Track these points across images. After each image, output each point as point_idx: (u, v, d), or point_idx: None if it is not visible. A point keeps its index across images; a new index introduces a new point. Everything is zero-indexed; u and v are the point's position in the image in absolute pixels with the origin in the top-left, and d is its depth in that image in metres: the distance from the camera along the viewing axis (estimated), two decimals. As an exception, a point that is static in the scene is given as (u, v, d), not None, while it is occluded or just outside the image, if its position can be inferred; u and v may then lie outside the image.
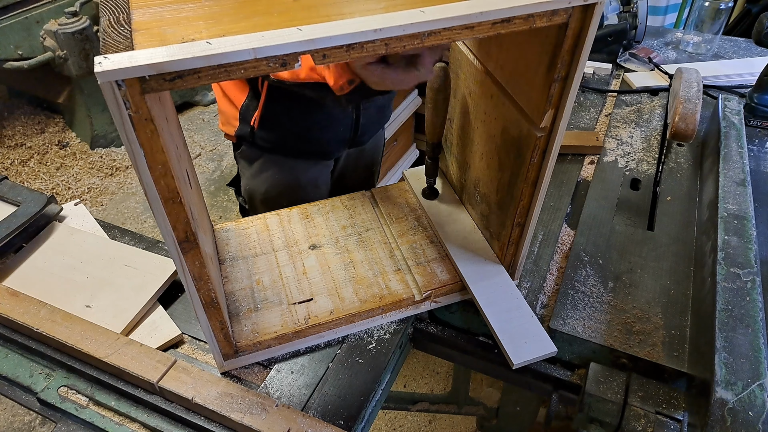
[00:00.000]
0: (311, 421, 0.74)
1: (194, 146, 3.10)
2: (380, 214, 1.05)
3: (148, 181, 0.56)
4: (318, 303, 0.88)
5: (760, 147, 1.26)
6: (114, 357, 0.80)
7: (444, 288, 0.91)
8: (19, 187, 1.10)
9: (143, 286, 0.95)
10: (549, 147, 0.75)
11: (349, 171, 1.43)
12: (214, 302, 0.72)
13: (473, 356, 0.95)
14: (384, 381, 0.86)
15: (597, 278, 0.96)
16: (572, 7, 0.61)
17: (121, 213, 2.68)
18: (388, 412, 1.99)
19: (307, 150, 1.25)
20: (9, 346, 0.90)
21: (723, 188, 0.98)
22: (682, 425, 0.76)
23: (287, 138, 1.20)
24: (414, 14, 0.55)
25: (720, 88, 1.48)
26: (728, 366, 0.70)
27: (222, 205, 2.73)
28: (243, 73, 0.52)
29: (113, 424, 0.79)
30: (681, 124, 1.07)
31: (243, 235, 1.00)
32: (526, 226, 0.85)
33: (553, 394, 0.90)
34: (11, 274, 0.98)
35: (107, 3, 0.59)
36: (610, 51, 1.61)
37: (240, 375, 0.84)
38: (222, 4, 0.59)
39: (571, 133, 1.29)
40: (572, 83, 0.68)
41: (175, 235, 0.62)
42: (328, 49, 0.53)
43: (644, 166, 1.22)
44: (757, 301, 0.78)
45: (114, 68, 0.47)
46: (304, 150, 1.24)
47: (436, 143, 0.99)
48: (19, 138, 3.00)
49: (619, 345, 0.85)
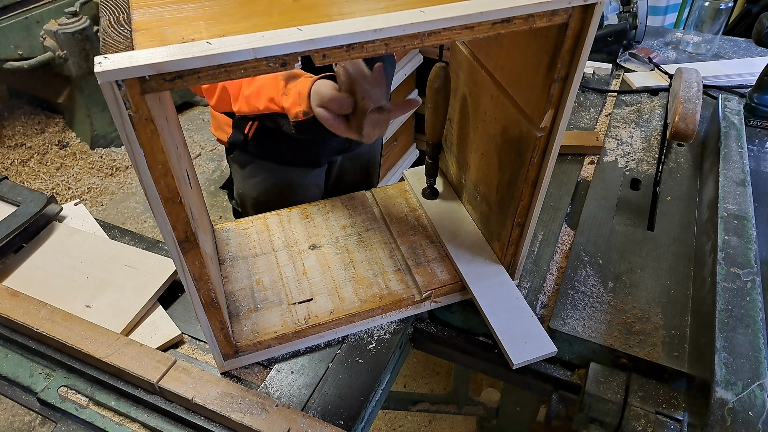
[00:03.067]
0: (311, 421, 0.74)
1: (194, 146, 3.10)
2: (380, 214, 1.05)
3: (148, 181, 0.56)
4: (318, 303, 0.88)
5: (760, 147, 1.26)
6: (114, 357, 0.80)
7: (444, 288, 0.91)
8: (19, 187, 1.10)
9: (143, 286, 0.95)
10: (549, 147, 0.75)
11: (346, 174, 1.42)
12: (214, 302, 0.72)
13: (473, 356, 0.95)
14: (384, 381, 0.86)
15: (597, 278, 0.96)
16: (572, 7, 0.61)
17: (121, 213, 2.68)
18: (388, 412, 1.99)
19: (300, 159, 1.26)
20: (9, 346, 0.90)
21: (723, 188, 0.98)
22: (682, 425, 0.76)
23: (281, 148, 1.21)
24: (414, 14, 0.55)
25: (720, 88, 1.48)
26: (728, 366, 0.70)
27: (222, 205, 2.74)
28: (243, 73, 0.52)
29: (113, 424, 0.79)
30: (681, 124, 1.07)
31: (243, 235, 1.00)
32: (526, 226, 0.85)
33: (553, 394, 0.90)
34: (11, 274, 0.98)
35: (107, 3, 0.59)
36: (610, 51, 1.61)
37: (240, 375, 0.84)
38: (222, 4, 0.59)
39: (571, 133, 1.29)
40: (572, 83, 0.68)
41: (175, 235, 0.62)
42: (328, 49, 0.53)
43: (644, 166, 1.22)
44: (757, 301, 0.78)
45: (114, 68, 0.47)
46: (296, 159, 1.25)
47: (436, 143, 0.99)
48: (19, 138, 3.00)
49: (619, 345, 0.85)
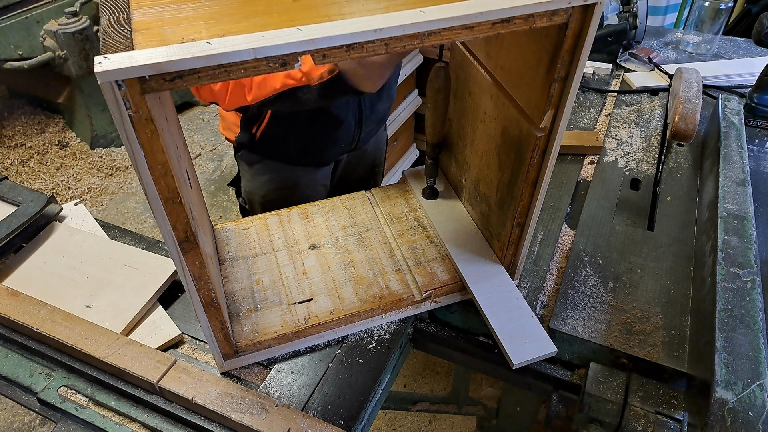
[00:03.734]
0: (311, 421, 0.74)
1: (194, 146, 3.10)
2: (380, 214, 1.05)
3: (148, 181, 0.56)
4: (318, 303, 0.88)
5: (760, 147, 1.26)
6: (114, 357, 0.80)
7: (444, 288, 0.91)
8: (19, 187, 1.10)
9: (143, 286, 0.95)
10: (549, 147, 0.75)
11: (351, 172, 1.43)
12: (214, 302, 0.72)
13: (473, 356, 0.95)
14: (384, 381, 0.86)
15: (597, 278, 0.96)
16: (572, 7, 0.61)
17: (121, 213, 2.68)
18: (388, 412, 1.99)
19: (307, 159, 1.27)
20: (9, 346, 0.90)
21: (723, 188, 0.98)
22: (682, 425, 0.76)
23: (289, 149, 1.23)
24: (414, 14, 0.55)
25: (720, 88, 1.48)
26: (728, 366, 0.70)
27: (222, 205, 2.74)
28: (243, 73, 0.52)
29: (113, 424, 0.79)
30: (681, 124, 1.07)
31: (243, 235, 1.00)
32: (526, 226, 0.85)
33: (553, 394, 0.90)
34: (11, 274, 0.98)
35: (107, 3, 0.59)
36: (610, 51, 1.61)
37: (240, 375, 0.84)
38: (222, 4, 0.59)
39: (571, 133, 1.29)
40: (572, 83, 0.68)
41: (175, 235, 0.62)
42: (328, 49, 0.53)
43: (644, 166, 1.22)
44: (757, 301, 0.78)
45: (114, 68, 0.47)
46: (304, 159, 1.27)
47: (436, 143, 0.99)
48: (19, 138, 3.00)
49: (619, 345, 0.85)
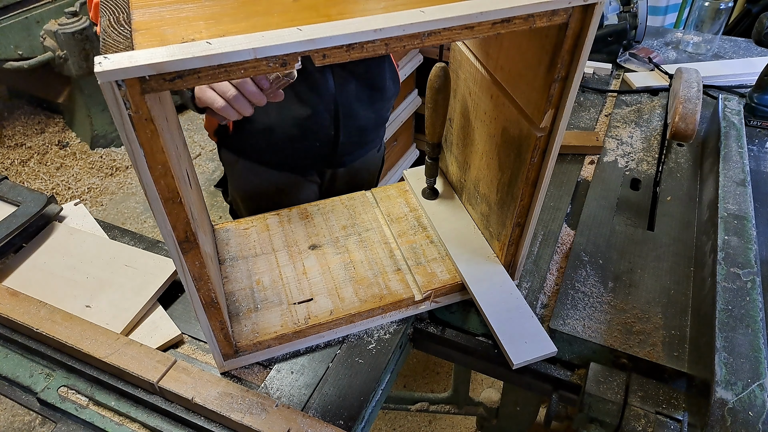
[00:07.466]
0: (311, 421, 0.74)
1: (194, 146, 3.10)
2: (380, 214, 1.05)
3: (148, 181, 0.56)
4: (318, 303, 0.88)
5: (760, 147, 1.26)
6: (114, 357, 0.80)
7: (444, 288, 0.91)
8: (19, 187, 1.10)
9: (143, 286, 0.95)
10: (549, 147, 0.75)
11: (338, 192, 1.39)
12: (214, 302, 0.72)
13: (473, 356, 0.95)
14: (384, 381, 0.86)
15: (597, 278, 0.96)
16: (572, 7, 0.61)
17: (121, 213, 2.68)
18: (388, 412, 1.99)
19: (280, 160, 1.24)
20: (9, 346, 0.90)
21: (723, 188, 0.98)
22: (682, 425, 0.76)
23: (259, 143, 1.20)
24: (414, 14, 0.55)
25: (720, 88, 1.48)
26: (728, 366, 0.70)
27: (222, 205, 2.73)
28: (243, 73, 0.52)
29: (113, 424, 0.79)
30: (681, 124, 1.07)
31: (243, 235, 1.00)
32: (526, 226, 0.85)
33: (553, 394, 0.90)
34: (11, 274, 0.98)
35: (107, 3, 0.59)
36: (610, 51, 1.61)
37: (240, 375, 0.84)
38: (222, 4, 0.59)
39: (571, 133, 1.29)
40: (572, 83, 0.68)
41: (175, 235, 0.62)
42: (328, 49, 0.53)
43: (644, 166, 1.22)
44: (757, 301, 0.78)
45: (114, 68, 0.47)
46: (277, 160, 1.24)
47: (436, 143, 0.99)
48: (19, 138, 3.00)
49: (619, 345, 0.85)
